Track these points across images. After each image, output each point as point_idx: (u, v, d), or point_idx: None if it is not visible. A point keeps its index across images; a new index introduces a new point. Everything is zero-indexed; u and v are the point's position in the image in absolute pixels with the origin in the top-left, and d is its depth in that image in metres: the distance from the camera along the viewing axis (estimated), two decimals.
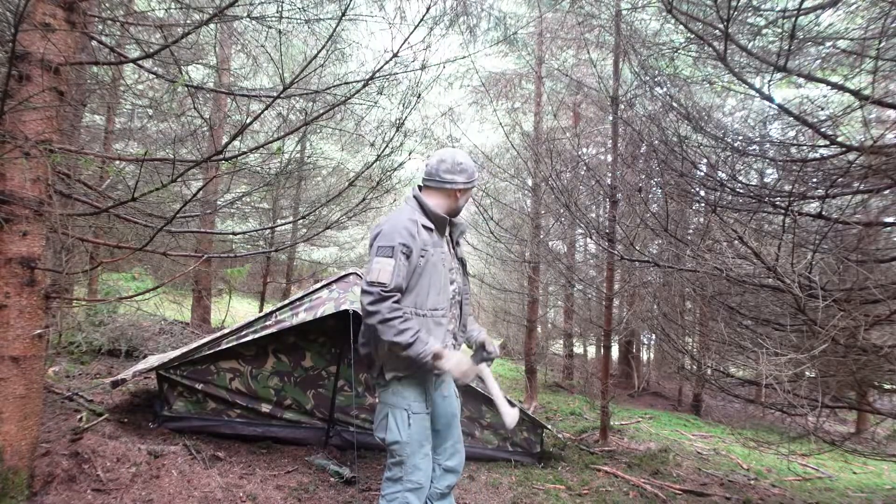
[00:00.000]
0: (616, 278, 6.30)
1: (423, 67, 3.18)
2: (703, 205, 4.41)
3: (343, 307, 3.66)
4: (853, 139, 3.18)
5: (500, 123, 7.88)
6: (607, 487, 3.99)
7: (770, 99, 3.27)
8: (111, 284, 6.65)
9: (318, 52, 2.85)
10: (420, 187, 2.35)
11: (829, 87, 3.26)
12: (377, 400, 2.29)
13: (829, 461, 6.15)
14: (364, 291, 2.05)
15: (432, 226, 2.23)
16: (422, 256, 2.14)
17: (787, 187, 3.42)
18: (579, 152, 6.52)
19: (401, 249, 2.07)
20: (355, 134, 8.13)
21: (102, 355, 5.70)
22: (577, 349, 14.16)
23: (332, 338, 4.27)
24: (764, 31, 3.40)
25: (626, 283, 7.30)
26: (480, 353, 2.39)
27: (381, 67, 2.86)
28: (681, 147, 3.72)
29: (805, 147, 3.51)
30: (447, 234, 2.35)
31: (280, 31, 3.18)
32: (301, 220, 7.72)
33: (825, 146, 3.28)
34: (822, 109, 3.42)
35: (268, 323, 3.70)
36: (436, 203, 2.28)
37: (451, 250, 2.35)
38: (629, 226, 5.26)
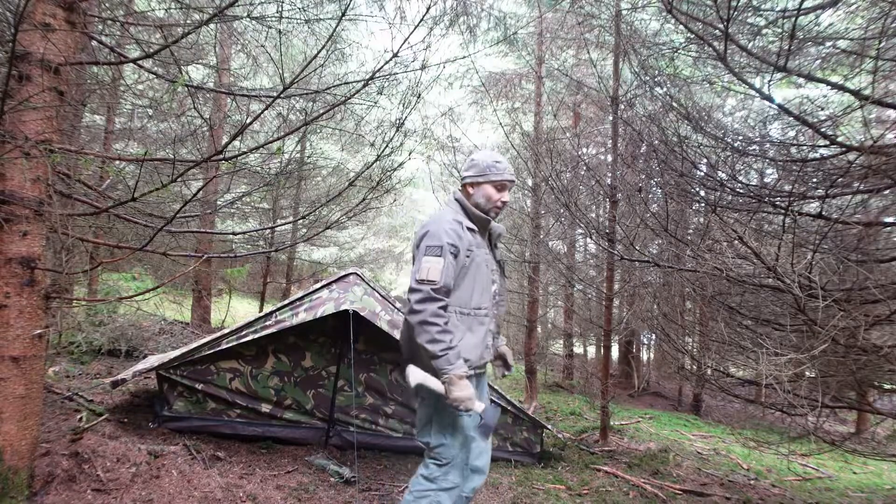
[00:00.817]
0: (616, 278, 6.30)
1: (423, 67, 3.18)
2: (703, 205, 4.41)
3: (343, 307, 3.66)
4: (853, 139, 3.18)
5: (500, 123, 7.88)
6: (607, 487, 3.99)
7: (770, 99, 3.27)
8: (111, 284, 6.65)
9: (318, 52, 2.85)
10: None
11: (829, 87, 3.26)
12: (420, 402, 2.27)
13: (829, 461, 6.15)
14: (412, 289, 2.06)
15: (475, 227, 2.28)
16: (467, 256, 2.19)
17: (787, 187, 3.42)
18: (579, 152, 6.52)
19: (449, 249, 2.11)
20: (355, 134, 8.14)
21: (102, 355, 5.71)
22: (577, 349, 14.16)
23: (332, 338, 4.27)
24: (764, 31, 3.40)
25: (626, 283, 7.30)
26: (500, 366, 2.47)
27: (381, 67, 2.86)
28: (681, 147, 3.72)
29: (805, 147, 3.51)
30: (486, 236, 2.40)
31: (280, 31, 3.18)
32: (301, 220, 7.72)
33: (825, 146, 3.28)
34: (822, 109, 3.42)
35: (268, 323, 3.70)
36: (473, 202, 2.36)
37: (491, 252, 2.39)
38: (629, 226, 5.26)
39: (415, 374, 2.12)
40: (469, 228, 2.25)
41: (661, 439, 6.34)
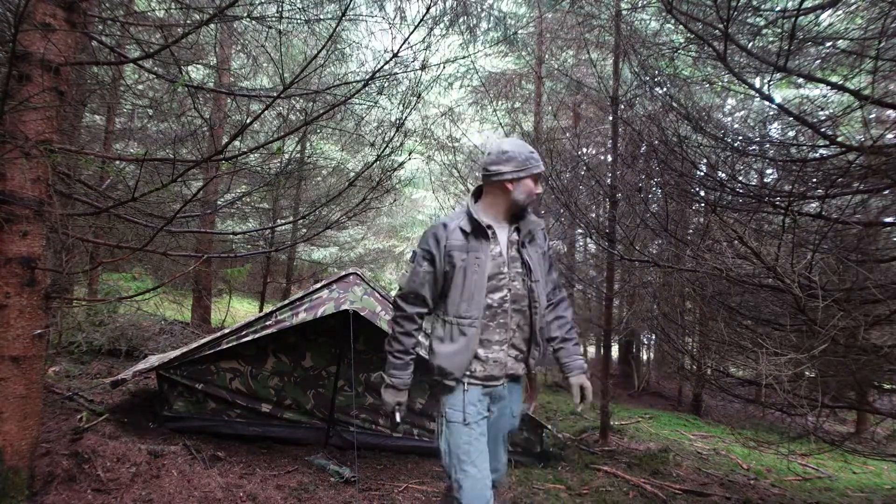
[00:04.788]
0: (616, 278, 6.30)
1: (423, 67, 3.18)
2: (703, 205, 4.41)
3: (343, 307, 3.66)
4: (853, 139, 3.18)
5: (500, 123, 7.88)
6: (607, 487, 3.99)
7: (770, 99, 3.27)
8: (111, 284, 6.64)
9: (318, 52, 2.85)
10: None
11: (829, 87, 3.26)
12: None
13: (829, 461, 6.15)
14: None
15: (469, 229, 2.06)
16: (449, 262, 2.04)
17: (787, 187, 3.43)
18: (579, 152, 6.52)
19: (422, 255, 2.08)
20: (355, 134, 8.14)
21: (102, 355, 5.71)
22: None
23: (332, 338, 4.27)
24: (764, 31, 3.40)
25: (626, 283, 7.30)
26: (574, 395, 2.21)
27: (381, 67, 2.86)
28: (681, 147, 3.72)
29: (805, 147, 3.51)
30: (513, 234, 2.14)
31: (280, 31, 3.18)
32: (301, 220, 7.72)
33: (825, 146, 3.28)
34: (822, 109, 3.42)
35: (268, 323, 3.70)
36: (490, 201, 2.13)
37: (511, 252, 2.12)
38: (629, 226, 5.26)
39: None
40: (463, 231, 2.04)
41: (661, 439, 6.34)
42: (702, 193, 4.05)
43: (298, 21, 3.75)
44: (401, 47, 2.80)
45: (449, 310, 2.06)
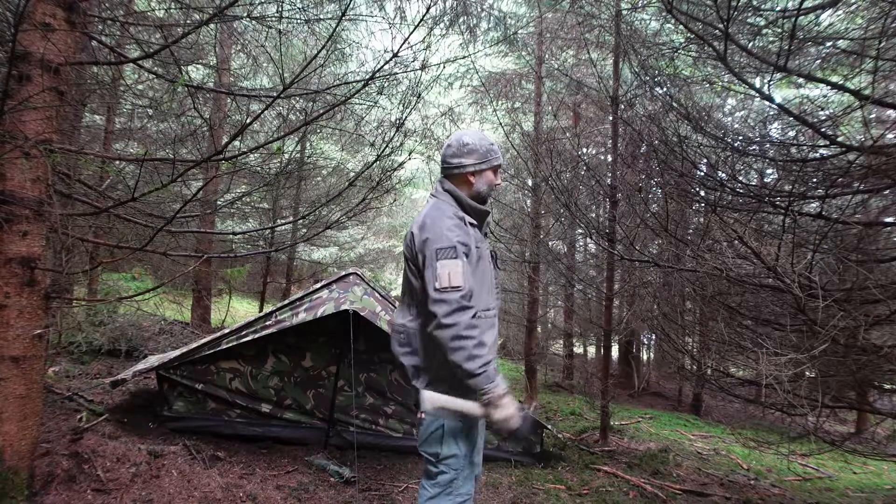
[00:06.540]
0: (616, 278, 6.30)
1: (423, 67, 3.19)
2: (703, 205, 4.41)
3: (343, 307, 3.66)
4: (853, 139, 3.18)
5: (500, 123, 7.87)
6: (607, 487, 3.99)
7: (770, 99, 3.27)
8: (111, 284, 6.65)
9: (318, 52, 2.85)
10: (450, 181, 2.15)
11: (829, 87, 3.26)
12: (421, 415, 2.03)
13: (829, 461, 6.15)
14: (436, 300, 1.82)
15: (475, 221, 2.06)
16: (478, 253, 2.01)
17: (787, 187, 3.42)
18: (579, 152, 6.53)
19: (462, 249, 1.90)
20: (355, 134, 8.14)
21: (102, 355, 5.70)
22: (577, 349, 14.15)
23: (332, 338, 4.27)
24: (764, 31, 3.40)
25: (626, 283, 7.30)
26: None
27: (381, 67, 2.86)
28: (681, 147, 3.72)
29: (805, 147, 3.51)
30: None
31: (280, 31, 3.18)
32: (301, 220, 7.72)
33: (825, 146, 3.28)
34: (822, 109, 3.42)
35: (268, 323, 3.70)
36: None
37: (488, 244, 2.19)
38: (629, 226, 5.26)
39: (432, 399, 1.88)
40: (470, 223, 2.01)
41: (661, 439, 6.34)
42: (702, 193, 4.05)
43: (298, 21, 3.75)
44: (401, 47, 2.80)
45: (479, 304, 1.95)
